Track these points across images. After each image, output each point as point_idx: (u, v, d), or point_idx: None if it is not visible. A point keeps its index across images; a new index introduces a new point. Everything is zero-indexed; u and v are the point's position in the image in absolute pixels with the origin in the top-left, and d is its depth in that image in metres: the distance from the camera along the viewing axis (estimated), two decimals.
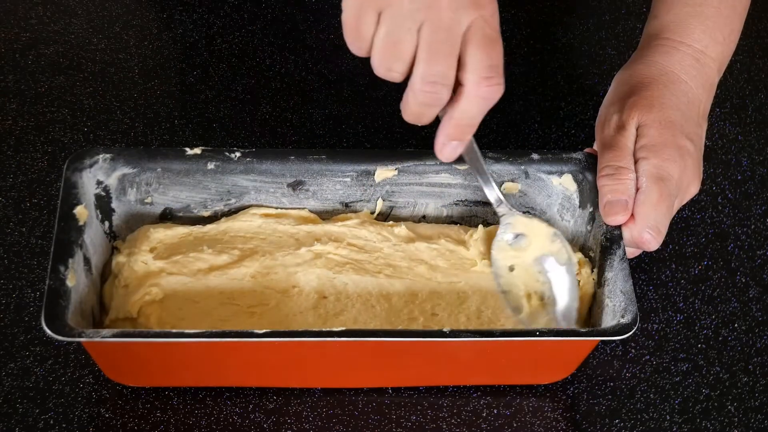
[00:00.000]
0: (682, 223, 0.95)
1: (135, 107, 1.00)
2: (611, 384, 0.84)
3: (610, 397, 0.84)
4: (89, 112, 1.00)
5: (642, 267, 0.92)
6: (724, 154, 1.01)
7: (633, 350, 0.86)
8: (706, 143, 1.01)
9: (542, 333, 0.76)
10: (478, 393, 0.83)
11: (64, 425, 0.79)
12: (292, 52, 1.07)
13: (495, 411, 0.82)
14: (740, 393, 0.84)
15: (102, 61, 1.04)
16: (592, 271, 0.84)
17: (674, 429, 0.82)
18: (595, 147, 0.88)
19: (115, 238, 0.85)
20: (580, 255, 0.86)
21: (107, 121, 0.99)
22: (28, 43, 1.05)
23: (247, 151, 0.85)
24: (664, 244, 0.93)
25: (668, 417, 0.83)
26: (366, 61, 1.07)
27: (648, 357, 0.86)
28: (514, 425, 0.82)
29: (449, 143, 0.76)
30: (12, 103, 1.00)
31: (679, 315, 0.89)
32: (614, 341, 0.86)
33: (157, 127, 0.98)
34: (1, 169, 0.94)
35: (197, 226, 0.86)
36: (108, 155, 0.83)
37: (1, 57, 1.03)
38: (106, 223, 0.84)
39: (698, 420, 0.83)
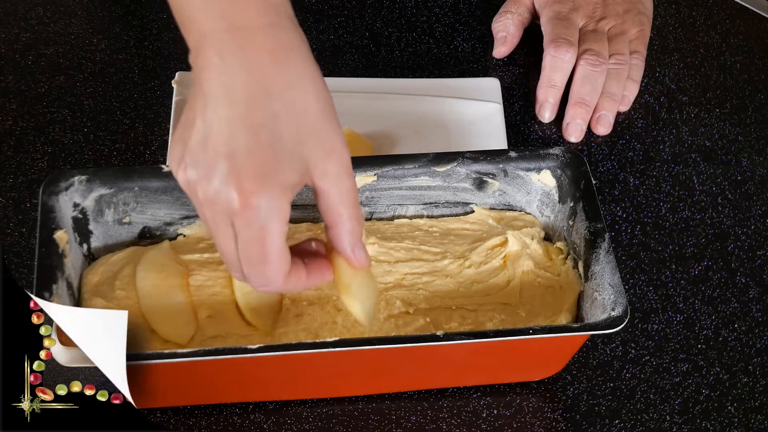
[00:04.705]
0: (682, 224, 0.95)
1: (135, 107, 1.00)
2: (611, 384, 0.84)
3: (610, 397, 0.84)
4: (89, 112, 0.99)
5: (642, 267, 0.92)
6: (724, 154, 1.01)
7: (633, 350, 0.86)
8: (706, 143, 1.02)
9: (535, 331, 0.76)
10: (478, 393, 0.83)
11: None
12: None
13: (495, 411, 0.82)
14: (740, 393, 0.84)
15: (102, 61, 1.04)
16: (577, 266, 0.84)
17: (674, 429, 0.82)
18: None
19: (93, 260, 0.84)
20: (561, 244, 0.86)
21: (107, 121, 0.99)
22: (28, 43, 1.05)
23: None
24: (664, 244, 0.93)
25: (668, 417, 0.83)
26: (367, 63, 1.07)
27: (648, 357, 0.86)
28: (514, 425, 0.82)
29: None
30: (12, 103, 1.00)
31: (679, 315, 0.89)
32: (611, 338, 0.87)
33: (157, 127, 0.98)
34: (1, 169, 0.94)
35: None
36: (83, 176, 0.81)
37: (1, 57, 1.03)
38: (85, 246, 0.83)
39: (698, 420, 0.83)
